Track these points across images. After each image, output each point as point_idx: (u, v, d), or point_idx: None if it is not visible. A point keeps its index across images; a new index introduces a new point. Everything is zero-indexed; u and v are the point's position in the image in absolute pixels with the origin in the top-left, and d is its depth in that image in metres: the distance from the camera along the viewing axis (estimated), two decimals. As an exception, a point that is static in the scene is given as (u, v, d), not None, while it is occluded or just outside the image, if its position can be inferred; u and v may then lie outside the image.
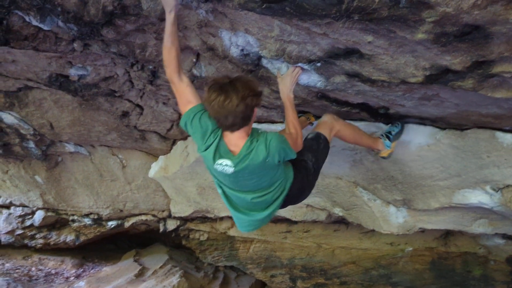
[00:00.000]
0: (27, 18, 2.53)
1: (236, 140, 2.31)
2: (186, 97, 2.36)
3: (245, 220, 2.61)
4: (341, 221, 5.59)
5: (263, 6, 1.84)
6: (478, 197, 3.55)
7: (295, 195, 2.70)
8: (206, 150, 2.34)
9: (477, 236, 5.01)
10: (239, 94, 2.14)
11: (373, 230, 4.97)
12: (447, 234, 5.43)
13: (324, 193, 4.66)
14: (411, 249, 5.75)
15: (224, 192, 2.55)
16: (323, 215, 5.24)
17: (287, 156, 2.40)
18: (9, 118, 4.57)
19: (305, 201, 4.97)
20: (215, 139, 2.31)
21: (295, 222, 5.81)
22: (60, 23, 2.56)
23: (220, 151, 2.32)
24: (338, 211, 4.88)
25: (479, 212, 3.93)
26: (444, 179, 3.64)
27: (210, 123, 2.30)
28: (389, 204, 4.34)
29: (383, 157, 3.39)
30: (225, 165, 2.31)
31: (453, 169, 3.50)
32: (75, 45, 2.98)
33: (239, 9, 1.98)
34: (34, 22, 2.54)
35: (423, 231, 4.79)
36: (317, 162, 2.79)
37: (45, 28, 2.60)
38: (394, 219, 4.41)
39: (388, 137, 3.31)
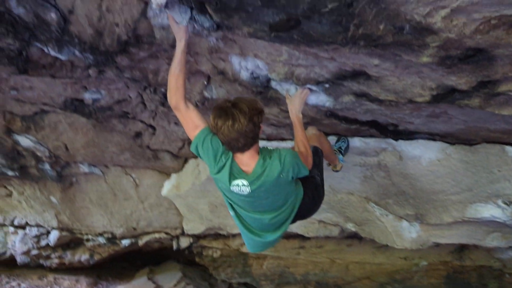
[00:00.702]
0: (45, 49, 2.63)
1: (247, 160, 2.32)
2: (194, 122, 2.37)
3: (258, 242, 2.62)
4: (354, 236, 5.57)
5: (272, 35, 1.91)
6: (490, 211, 3.55)
7: (306, 211, 2.72)
8: (219, 172, 2.35)
9: (491, 249, 4.97)
10: (246, 115, 2.16)
11: (386, 245, 4.96)
12: (462, 248, 5.39)
13: (336, 208, 4.67)
14: (425, 263, 5.71)
15: (237, 214, 2.56)
16: (336, 231, 5.24)
17: (300, 172, 2.42)
18: (25, 141, 4.67)
19: (317, 217, 4.99)
20: (227, 160, 2.32)
21: (308, 238, 5.80)
22: (77, 53, 2.66)
23: (234, 173, 2.33)
24: (350, 226, 4.88)
25: (492, 226, 3.92)
26: (456, 194, 3.65)
27: (220, 145, 2.31)
28: (402, 219, 4.34)
29: (337, 171, 3.49)
30: (242, 185, 2.32)
31: (464, 183, 3.51)
32: (90, 71, 3.08)
33: (249, 37, 2.06)
34: (52, 53, 2.64)
35: (437, 245, 4.77)
36: (322, 175, 2.86)
37: (63, 58, 2.70)
38: (407, 233, 4.41)
39: (341, 152, 3.43)
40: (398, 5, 1.59)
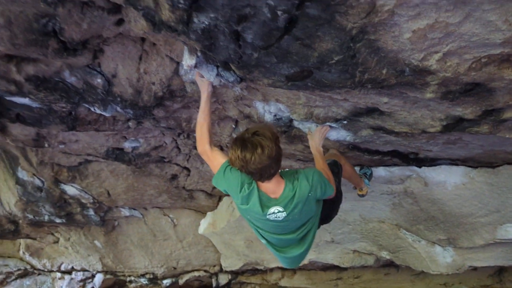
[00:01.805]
0: (92, 108, 2.98)
1: (274, 187, 2.32)
2: (218, 161, 2.46)
3: (290, 258, 2.72)
4: (391, 265, 5.56)
5: (289, 84, 2.15)
6: (521, 231, 3.58)
7: (327, 215, 2.81)
8: (246, 203, 2.36)
9: (530, 270, 4.89)
10: (271, 139, 2.15)
11: (424, 272, 4.94)
12: (501, 270, 5.30)
13: (369, 237, 4.74)
14: (466, 288, 5.63)
15: (268, 241, 2.64)
16: (371, 260, 5.26)
17: (326, 191, 2.45)
18: (71, 190, 5.02)
19: (352, 247, 5.06)
20: (252, 190, 2.31)
21: (345, 269, 5.81)
22: (119, 109, 2.99)
23: (264, 202, 2.33)
24: (385, 255, 4.91)
25: (526, 246, 3.92)
26: (485, 216, 3.70)
27: (240, 174, 2.31)
28: (434, 244, 4.36)
29: (362, 195, 3.58)
30: (277, 212, 2.33)
31: (491, 205, 3.57)
32: (130, 123, 3.40)
33: (269, 87, 2.31)
34: (98, 111, 2.98)
35: (474, 269, 4.73)
36: (340, 183, 2.94)
37: (107, 115, 3.04)
38: (442, 258, 4.41)
39: (366, 177, 3.56)
40: (395, 53, 1.80)
